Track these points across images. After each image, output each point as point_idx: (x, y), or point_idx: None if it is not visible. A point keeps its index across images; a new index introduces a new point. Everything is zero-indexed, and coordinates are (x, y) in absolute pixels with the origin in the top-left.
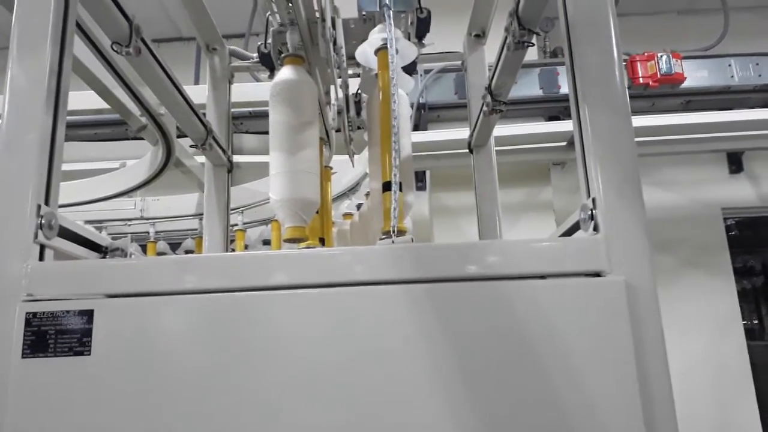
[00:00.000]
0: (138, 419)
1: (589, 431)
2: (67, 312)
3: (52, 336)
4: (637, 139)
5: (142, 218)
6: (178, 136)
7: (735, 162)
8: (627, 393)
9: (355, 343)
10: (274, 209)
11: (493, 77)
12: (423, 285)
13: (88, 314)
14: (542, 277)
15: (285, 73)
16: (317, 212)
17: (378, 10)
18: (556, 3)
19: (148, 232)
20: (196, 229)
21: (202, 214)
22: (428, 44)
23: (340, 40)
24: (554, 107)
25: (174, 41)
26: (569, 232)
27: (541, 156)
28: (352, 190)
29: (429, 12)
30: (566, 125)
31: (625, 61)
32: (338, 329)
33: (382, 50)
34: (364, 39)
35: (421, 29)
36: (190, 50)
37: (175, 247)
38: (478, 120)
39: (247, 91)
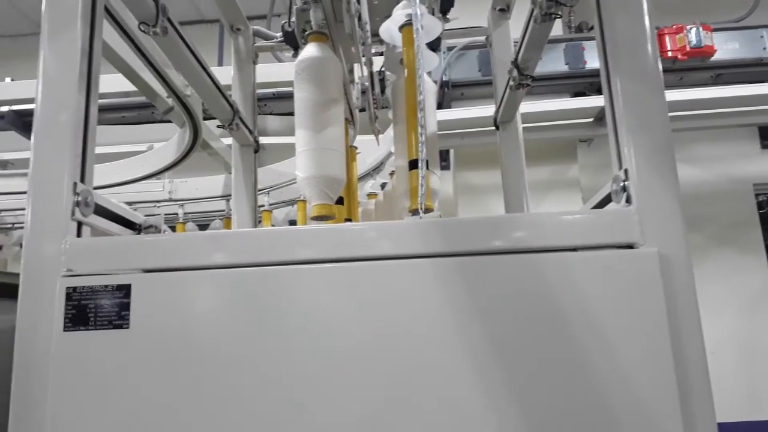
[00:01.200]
0: (172, 390)
1: (623, 404)
2: (106, 287)
3: (92, 310)
4: None
5: (170, 200)
6: (205, 118)
7: (767, 137)
8: (661, 365)
9: (383, 316)
10: (300, 187)
11: (519, 51)
12: (452, 258)
13: (126, 289)
14: (574, 249)
15: (309, 50)
16: (342, 193)
17: None
18: None
19: (176, 214)
20: (223, 210)
21: (229, 195)
22: (452, 19)
23: (365, 15)
24: (580, 83)
25: (197, 23)
26: (601, 205)
27: (568, 133)
28: (377, 169)
29: None
30: (593, 101)
31: None
32: (367, 302)
33: (406, 26)
34: (388, 15)
35: (445, 3)
36: (212, 32)
37: (203, 228)
38: (504, 95)
39: (270, 71)
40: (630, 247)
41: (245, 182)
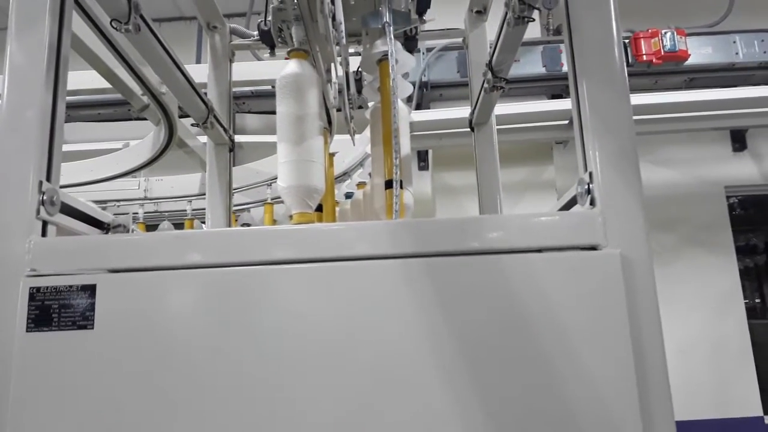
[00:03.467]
0: (139, 392)
1: (584, 402)
2: (70, 287)
3: (56, 310)
4: (639, 117)
5: (145, 198)
6: (181, 116)
7: (738, 140)
8: (621, 365)
9: (354, 315)
10: (282, 195)
11: (493, 54)
12: (421, 259)
13: (91, 289)
14: (539, 250)
15: (291, 67)
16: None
17: (380, 27)
18: None
19: (154, 212)
20: (202, 209)
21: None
22: (429, 20)
23: (339, 16)
24: (557, 85)
25: (175, 20)
26: (567, 207)
27: (544, 135)
28: (353, 170)
29: None
30: (569, 103)
31: (628, 38)
32: (338, 302)
33: (383, 61)
34: (364, 14)
35: (421, 5)
36: (191, 29)
37: (179, 227)
38: (479, 97)
39: (248, 70)
40: (593, 248)
41: (220, 181)
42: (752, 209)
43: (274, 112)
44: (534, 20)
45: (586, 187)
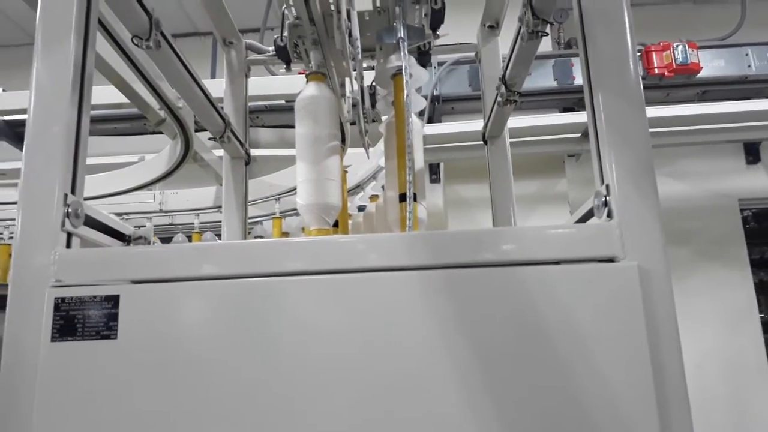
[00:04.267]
0: (161, 402)
1: (602, 415)
2: (94, 297)
3: (80, 320)
4: (651, 130)
5: (161, 211)
6: (196, 130)
7: (752, 152)
8: (640, 377)
9: (370, 327)
10: (300, 212)
11: (507, 68)
12: (438, 271)
13: (114, 299)
14: (557, 262)
15: (309, 89)
16: None
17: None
18: None
19: (169, 224)
20: (217, 222)
21: (220, 207)
22: (442, 35)
23: (355, 32)
24: (569, 98)
25: (190, 36)
26: (583, 219)
27: (556, 147)
28: (366, 183)
29: (444, 3)
30: (581, 116)
31: (639, 51)
32: (354, 314)
33: (398, 75)
34: (379, 30)
35: (435, 20)
36: (206, 45)
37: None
38: (492, 111)
39: (263, 84)
40: (611, 260)
41: (236, 194)
42: (766, 222)
43: (287, 126)
44: (547, 34)
45: (603, 199)
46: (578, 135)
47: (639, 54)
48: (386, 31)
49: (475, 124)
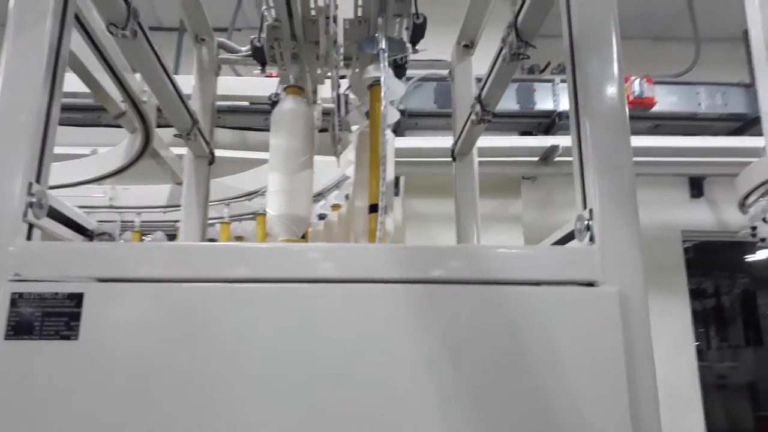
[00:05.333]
0: (119, 407)
1: None
2: (56, 294)
3: (38, 318)
4: None
5: (111, 207)
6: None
7: (696, 187)
8: (617, 403)
9: (347, 338)
10: (270, 222)
11: (483, 87)
12: (418, 285)
13: (78, 297)
14: (537, 284)
15: (287, 103)
16: None
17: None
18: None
19: (114, 221)
20: (167, 222)
21: (173, 206)
22: (421, 50)
23: (340, 39)
24: (529, 122)
25: (154, 30)
26: (562, 242)
27: (514, 169)
28: (329, 191)
29: (425, 18)
30: (539, 141)
31: None
32: (329, 325)
33: (374, 86)
34: (359, 40)
35: (416, 34)
36: (170, 41)
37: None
38: (464, 129)
39: (229, 85)
40: (590, 284)
41: (197, 194)
42: (705, 255)
43: (248, 129)
44: (529, 57)
45: (586, 223)
46: (536, 159)
47: None
48: (367, 41)
49: (440, 141)
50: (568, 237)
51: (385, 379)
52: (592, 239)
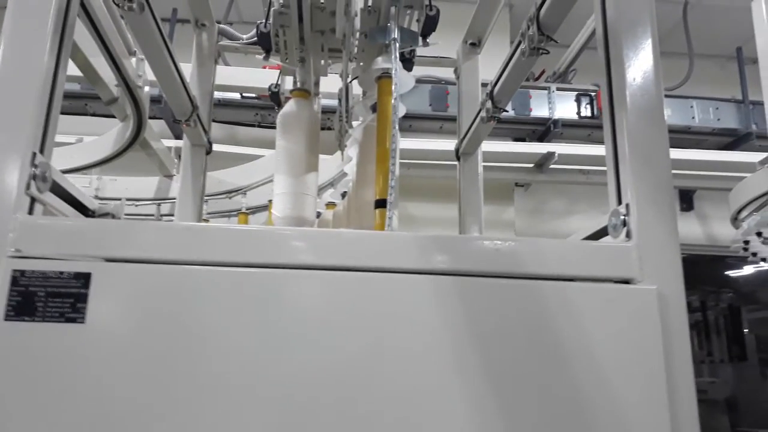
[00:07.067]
0: (129, 398)
1: None
2: (61, 273)
3: (42, 299)
4: (593, 168)
5: (96, 197)
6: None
7: (686, 200)
8: (656, 403)
9: (380, 329)
10: (275, 223)
11: (497, 83)
12: (450, 277)
13: (85, 278)
14: (571, 279)
15: (294, 106)
16: None
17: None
18: None
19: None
20: (152, 215)
21: (161, 199)
22: (432, 44)
23: (357, 24)
24: (523, 129)
25: None
26: (593, 238)
27: (507, 176)
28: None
29: (438, 10)
30: (534, 147)
31: (594, 92)
32: (361, 314)
33: (383, 78)
34: (370, 29)
35: (427, 27)
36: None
37: None
38: (471, 127)
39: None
40: (626, 282)
41: (193, 184)
42: (693, 268)
43: (237, 123)
44: (548, 52)
45: (623, 219)
46: (531, 165)
47: (594, 94)
48: (378, 30)
49: (435, 143)
50: (600, 233)
51: (412, 372)
52: (628, 235)
